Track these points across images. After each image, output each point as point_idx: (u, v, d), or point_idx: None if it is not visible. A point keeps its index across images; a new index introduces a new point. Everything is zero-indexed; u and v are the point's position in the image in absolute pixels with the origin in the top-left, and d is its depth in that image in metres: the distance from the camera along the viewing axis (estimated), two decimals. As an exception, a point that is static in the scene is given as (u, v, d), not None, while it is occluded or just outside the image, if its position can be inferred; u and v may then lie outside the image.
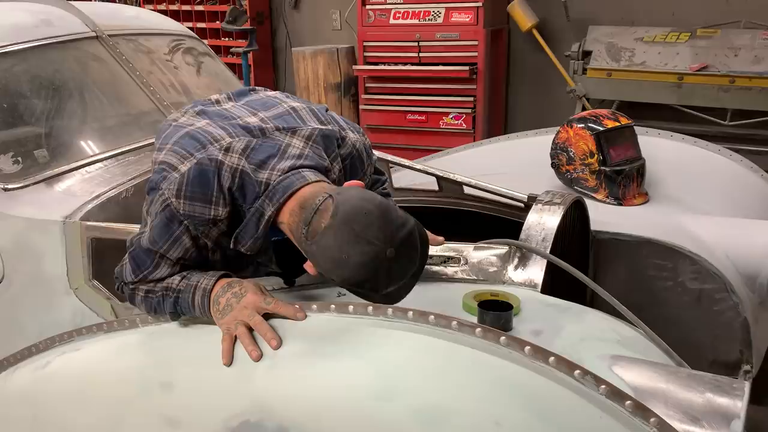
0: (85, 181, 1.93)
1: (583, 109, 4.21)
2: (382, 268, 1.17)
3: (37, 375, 1.45)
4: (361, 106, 5.01)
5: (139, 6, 5.87)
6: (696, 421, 1.14)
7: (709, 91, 4.01)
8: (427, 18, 4.62)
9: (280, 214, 1.30)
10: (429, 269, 1.61)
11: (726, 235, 2.06)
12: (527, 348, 1.12)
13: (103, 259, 1.80)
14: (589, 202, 2.00)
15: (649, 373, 1.22)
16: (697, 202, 2.32)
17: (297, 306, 1.30)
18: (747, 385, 1.19)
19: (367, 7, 4.78)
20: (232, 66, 5.50)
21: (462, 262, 1.60)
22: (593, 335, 1.36)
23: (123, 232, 1.78)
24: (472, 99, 4.64)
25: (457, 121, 4.71)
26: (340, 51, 5.09)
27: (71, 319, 1.75)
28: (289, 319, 1.28)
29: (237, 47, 5.42)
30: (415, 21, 4.66)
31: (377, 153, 1.94)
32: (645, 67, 4.18)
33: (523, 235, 1.64)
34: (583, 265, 2.01)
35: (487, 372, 1.13)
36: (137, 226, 1.76)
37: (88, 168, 1.98)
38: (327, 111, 1.56)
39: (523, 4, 4.58)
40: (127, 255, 1.43)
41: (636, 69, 4.19)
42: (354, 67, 5.00)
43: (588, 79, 4.33)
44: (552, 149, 2.44)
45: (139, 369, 1.33)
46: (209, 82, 2.66)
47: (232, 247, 1.36)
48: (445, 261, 1.62)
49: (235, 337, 1.27)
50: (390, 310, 1.21)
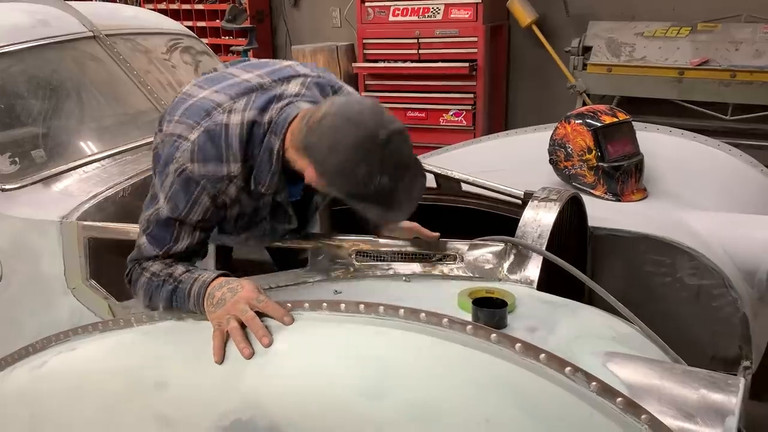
0: (83, 180, 1.93)
1: (584, 104, 4.20)
2: (375, 153, 1.23)
3: (34, 374, 1.46)
4: (361, 104, 5.01)
5: (139, 5, 5.87)
6: (690, 418, 1.13)
7: (709, 86, 3.99)
8: (426, 15, 4.61)
9: (285, 143, 1.40)
10: (425, 267, 1.61)
11: (725, 231, 2.05)
12: (518, 345, 1.12)
13: (100, 258, 1.81)
14: (587, 198, 1.99)
15: (643, 370, 1.22)
16: (696, 198, 2.31)
17: (288, 307, 1.30)
18: (742, 382, 1.19)
19: (367, 4, 4.77)
20: (232, 64, 5.51)
21: (458, 260, 1.60)
22: (588, 332, 1.36)
23: (120, 232, 1.78)
24: (472, 96, 4.63)
25: (457, 118, 4.70)
26: (340, 48, 5.09)
27: (69, 319, 1.76)
28: (276, 320, 1.29)
29: (237, 46, 5.42)
30: (414, 18, 4.64)
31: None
32: (645, 62, 4.15)
33: (519, 232, 1.63)
34: (581, 262, 2.00)
35: (478, 369, 1.13)
36: (134, 225, 1.76)
37: (85, 168, 1.98)
38: (326, 70, 1.65)
39: (523, 0, 4.56)
40: (143, 236, 1.48)
41: (636, 64, 4.17)
42: (354, 64, 4.99)
43: (588, 75, 4.31)
44: (550, 145, 2.43)
45: (133, 368, 1.33)
46: (207, 81, 2.66)
47: (252, 188, 1.45)
48: (440, 258, 1.62)
49: (227, 333, 1.28)
50: (381, 308, 1.21)
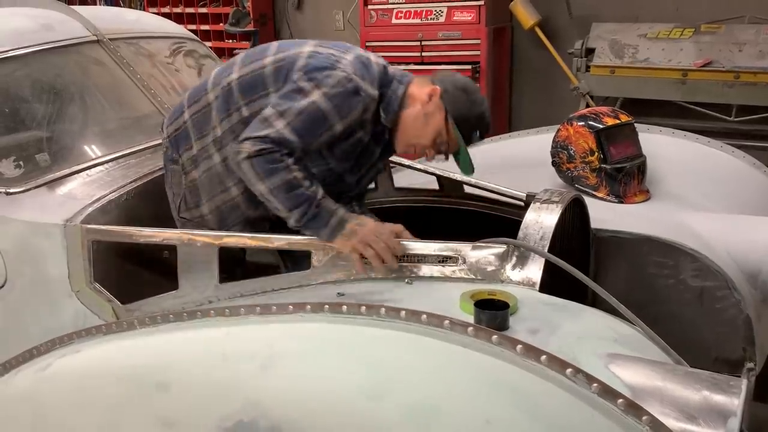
0: (86, 184, 1.94)
1: (587, 106, 4.19)
2: (479, 100, 1.85)
3: (38, 377, 1.46)
4: (364, 106, 5.01)
5: (143, 9, 5.90)
6: (692, 419, 1.13)
7: (713, 87, 3.98)
8: (429, 17, 4.61)
9: (407, 91, 1.81)
10: (427, 269, 1.61)
11: (728, 232, 2.04)
12: (519, 347, 1.12)
13: (104, 261, 1.82)
14: (589, 200, 1.99)
15: (645, 371, 1.22)
16: (699, 199, 2.31)
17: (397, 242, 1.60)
18: (745, 383, 1.18)
19: (369, 7, 4.78)
20: (235, 68, 5.52)
21: (460, 262, 1.60)
22: (591, 333, 1.36)
23: (124, 235, 1.79)
24: (475, 98, 4.63)
25: (460, 120, 4.70)
26: (343, 51, 5.09)
27: (73, 322, 1.77)
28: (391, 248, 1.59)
29: (240, 49, 5.44)
30: (417, 20, 4.65)
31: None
32: (649, 64, 4.15)
33: (521, 234, 1.64)
34: (584, 264, 2.00)
35: (478, 371, 1.13)
36: (138, 228, 1.78)
37: (89, 171, 1.99)
38: None
39: (526, 2, 4.56)
40: (282, 125, 1.63)
41: (640, 66, 4.17)
42: (357, 67, 5.00)
43: (591, 77, 4.31)
44: (552, 147, 2.43)
45: (136, 370, 1.34)
46: (210, 85, 2.67)
47: (383, 116, 1.79)
48: (443, 260, 1.62)
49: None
50: (383, 309, 1.22)
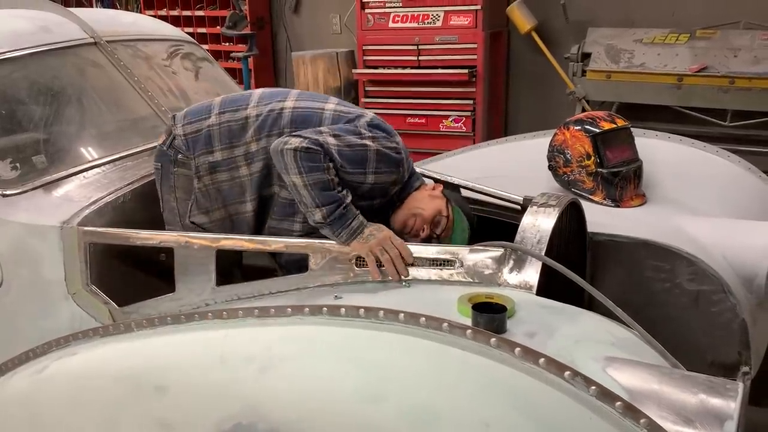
0: (83, 186, 1.94)
1: (583, 111, 4.21)
2: None
3: (35, 379, 1.46)
4: (361, 110, 5.02)
5: (140, 12, 5.89)
6: (689, 423, 1.14)
7: (708, 92, 4.00)
8: (426, 21, 4.63)
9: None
10: (425, 272, 1.62)
11: (723, 237, 2.05)
12: (517, 349, 1.13)
13: (100, 264, 1.82)
14: (586, 204, 2.00)
15: (642, 375, 1.22)
16: (695, 204, 2.32)
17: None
18: (741, 386, 1.19)
19: (367, 11, 4.79)
20: (232, 71, 5.52)
21: (457, 265, 1.61)
22: (588, 337, 1.36)
23: (120, 237, 1.79)
24: (471, 102, 4.65)
25: (457, 124, 4.71)
26: (340, 55, 5.10)
27: (69, 324, 1.76)
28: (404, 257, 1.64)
29: (237, 52, 5.44)
30: (414, 24, 4.66)
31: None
32: (644, 69, 4.17)
33: (518, 237, 1.64)
34: (581, 267, 2.00)
35: (477, 373, 1.13)
36: (135, 231, 1.78)
37: (86, 173, 1.99)
38: None
39: (522, 7, 4.59)
40: (333, 141, 1.72)
41: (635, 70, 4.19)
42: (354, 70, 5.01)
43: (587, 81, 4.33)
44: (549, 151, 2.44)
45: (133, 373, 1.34)
46: (207, 87, 2.67)
47: (398, 193, 1.89)
48: (440, 264, 1.63)
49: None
50: (381, 312, 1.22)
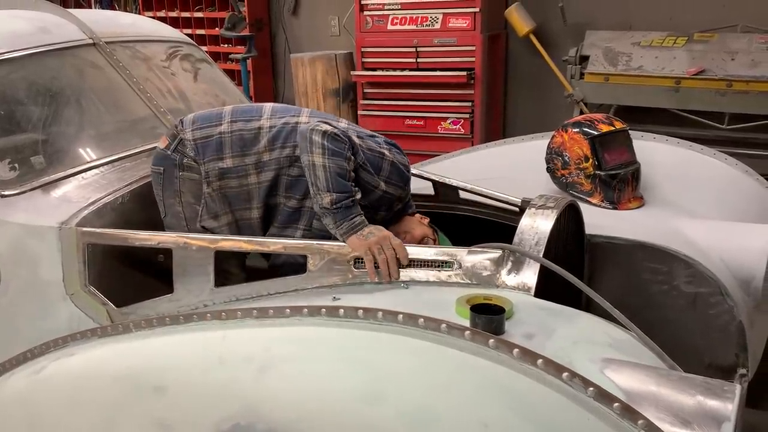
0: (82, 187, 1.94)
1: (581, 113, 4.22)
2: None
3: (32, 380, 1.46)
4: (359, 112, 5.02)
5: (139, 13, 5.90)
6: (687, 424, 1.14)
7: (706, 95, 4.02)
8: (424, 24, 4.64)
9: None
10: (423, 273, 1.62)
11: (721, 239, 2.06)
12: (515, 350, 1.13)
13: (99, 264, 1.82)
14: (584, 206, 2.01)
15: (640, 376, 1.22)
16: (692, 206, 2.32)
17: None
18: (738, 388, 1.19)
19: (365, 13, 4.80)
20: (231, 72, 5.53)
21: (456, 266, 1.61)
22: (585, 338, 1.36)
23: (119, 238, 1.79)
24: (470, 104, 4.66)
25: (455, 126, 4.72)
26: (339, 57, 5.11)
27: (67, 325, 1.76)
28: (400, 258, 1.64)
29: (236, 54, 5.44)
30: (412, 27, 4.68)
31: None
32: (642, 72, 4.18)
33: (516, 239, 1.64)
34: (578, 269, 2.01)
35: (475, 374, 1.14)
36: (134, 231, 1.78)
37: (84, 174, 1.99)
38: None
39: (520, 10, 4.60)
40: (358, 141, 1.83)
41: (633, 73, 4.20)
42: (352, 72, 5.01)
43: (585, 84, 4.34)
44: (547, 154, 2.44)
45: (132, 373, 1.33)
46: (206, 89, 2.67)
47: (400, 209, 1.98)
48: (439, 265, 1.63)
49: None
50: (380, 313, 1.22)
